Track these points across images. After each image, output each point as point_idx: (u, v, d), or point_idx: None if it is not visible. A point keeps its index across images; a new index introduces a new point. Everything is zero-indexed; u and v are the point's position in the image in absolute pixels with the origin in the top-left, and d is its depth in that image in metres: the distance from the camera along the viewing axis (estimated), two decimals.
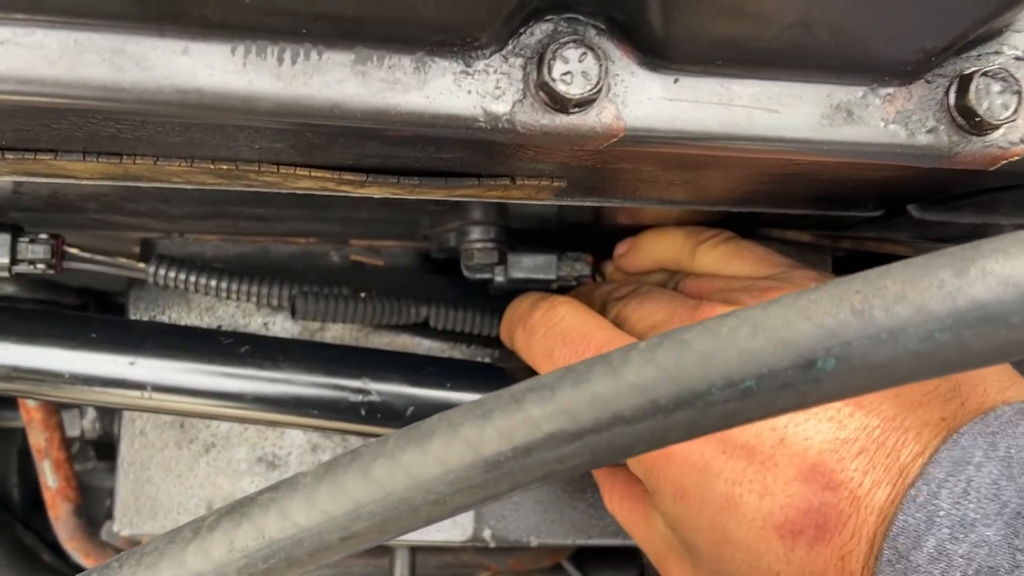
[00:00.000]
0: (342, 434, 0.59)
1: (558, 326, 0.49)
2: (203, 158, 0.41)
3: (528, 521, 0.67)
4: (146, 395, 0.50)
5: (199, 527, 0.33)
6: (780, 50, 0.34)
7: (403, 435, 0.31)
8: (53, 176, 0.44)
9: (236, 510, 0.32)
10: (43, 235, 0.56)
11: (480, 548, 0.75)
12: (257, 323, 0.65)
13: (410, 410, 0.51)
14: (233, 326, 0.65)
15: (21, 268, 0.55)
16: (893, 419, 0.39)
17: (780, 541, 0.39)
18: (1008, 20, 0.36)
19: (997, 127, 0.36)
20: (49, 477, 0.73)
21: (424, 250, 0.69)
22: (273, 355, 0.51)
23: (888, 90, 0.37)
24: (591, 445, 0.29)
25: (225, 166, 0.41)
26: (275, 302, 0.60)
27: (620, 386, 0.28)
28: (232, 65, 0.32)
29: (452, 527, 0.65)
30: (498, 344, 0.66)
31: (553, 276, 0.61)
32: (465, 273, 0.61)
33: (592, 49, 0.33)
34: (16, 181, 0.47)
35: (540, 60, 0.33)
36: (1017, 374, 0.44)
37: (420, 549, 0.73)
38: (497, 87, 0.34)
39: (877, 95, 0.36)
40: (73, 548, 0.78)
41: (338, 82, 0.32)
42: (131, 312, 0.65)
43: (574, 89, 0.33)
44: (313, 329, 0.65)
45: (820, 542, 0.38)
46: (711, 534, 0.41)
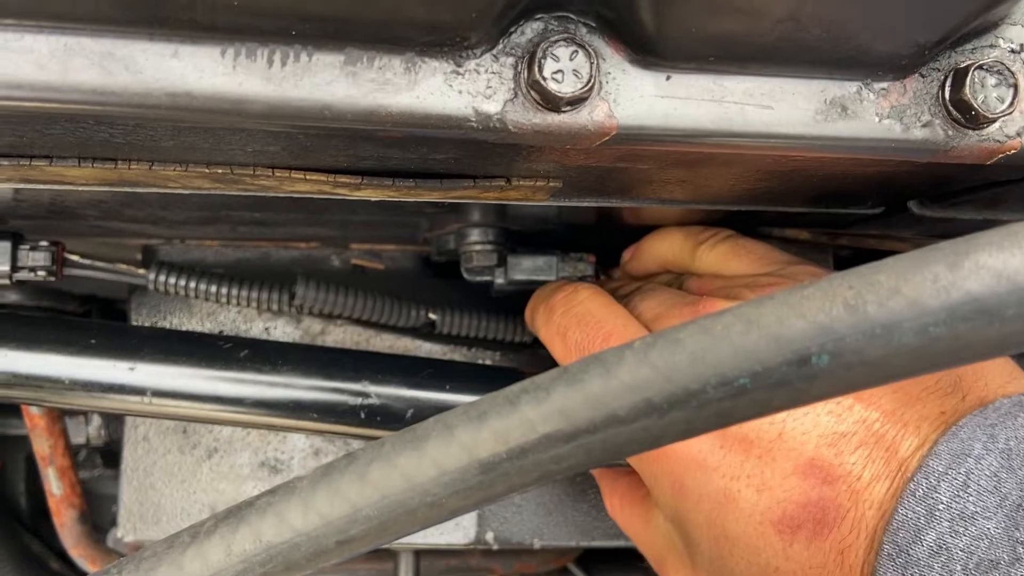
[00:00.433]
0: (343, 437, 0.59)
1: (576, 308, 0.49)
2: (198, 162, 0.41)
3: (531, 523, 0.66)
4: (146, 400, 0.50)
5: (197, 532, 0.32)
6: (772, 45, 0.34)
7: (399, 438, 0.31)
8: (50, 182, 0.44)
9: (234, 515, 0.32)
10: (43, 242, 0.56)
11: (485, 551, 0.74)
12: (259, 328, 0.65)
13: (410, 412, 0.51)
14: (235, 331, 0.65)
15: (22, 275, 0.55)
16: (892, 413, 0.39)
17: (778, 536, 0.39)
18: (1003, 13, 0.36)
19: (993, 120, 0.36)
20: (53, 484, 0.73)
21: (425, 254, 0.69)
22: (272, 359, 0.51)
23: (882, 85, 0.36)
24: (586, 445, 0.29)
25: (220, 170, 0.41)
26: (275, 307, 0.60)
27: (614, 386, 0.28)
28: (222, 67, 0.31)
29: (455, 530, 0.65)
30: (502, 347, 0.66)
31: (554, 277, 0.61)
32: (465, 276, 0.61)
33: (583, 47, 0.33)
34: (15, 188, 0.47)
35: (531, 59, 0.33)
36: (1019, 369, 0.43)
37: (425, 553, 0.73)
38: (488, 87, 0.34)
39: (871, 90, 0.36)
40: (79, 555, 0.77)
41: (328, 83, 0.32)
42: (133, 318, 0.65)
43: (565, 87, 0.33)
44: (315, 333, 0.65)
45: (819, 536, 0.38)
46: (709, 530, 0.41)
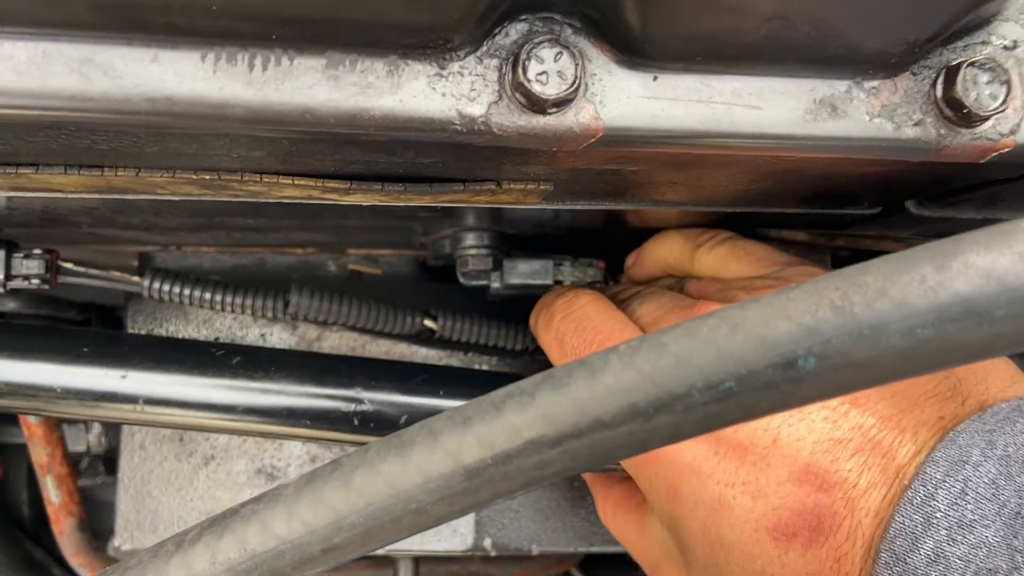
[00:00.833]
0: (338, 444, 0.59)
1: (575, 314, 0.49)
2: (185, 168, 0.40)
3: (529, 529, 0.66)
4: (138, 408, 0.50)
5: (182, 540, 0.32)
6: (760, 45, 0.33)
7: (384, 444, 0.30)
8: (39, 190, 0.44)
9: (218, 523, 0.32)
10: (37, 250, 0.56)
11: (484, 558, 0.74)
12: (255, 334, 0.65)
13: (403, 419, 0.51)
14: (230, 338, 0.64)
15: (16, 283, 0.55)
16: (889, 419, 0.39)
17: (774, 543, 0.38)
18: (995, 9, 0.35)
19: (986, 118, 0.35)
20: (52, 492, 0.73)
21: (421, 258, 0.69)
22: (265, 366, 0.51)
23: (873, 83, 0.36)
24: (572, 451, 0.28)
25: (208, 176, 0.41)
26: (270, 314, 0.59)
27: (599, 390, 0.28)
28: (202, 72, 0.31)
29: (452, 536, 0.65)
30: (500, 353, 0.66)
31: (550, 281, 0.61)
32: (461, 280, 0.61)
33: (567, 48, 0.33)
34: (5, 196, 0.47)
35: (515, 61, 0.33)
36: (1020, 372, 0.43)
37: (424, 560, 0.73)
38: (472, 89, 0.33)
39: (862, 88, 0.36)
40: (78, 564, 0.77)
41: (310, 87, 0.32)
42: (129, 326, 0.65)
43: (550, 89, 0.33)
44: (311, 339, 0.65)
45: (815, 544, 0.38)
46: (704, 536, 0.41)
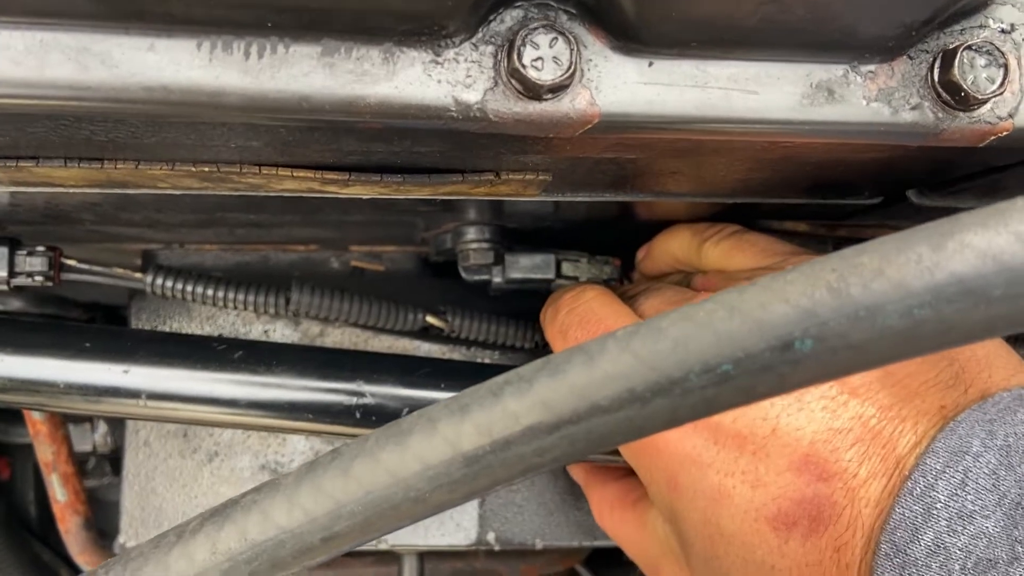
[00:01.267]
0: (340, 438, 0.59)
1: (580, 308, 0.49)
2: (184, 160, 0.40)
3: (532, 523, 0.66)
4: (141, 403, 0.50)
5: (183, 531, 0.32)
6: (756, 28, 0.33)
7: (383, 433, 0.30)
8: (40, 184, 0.44)
9: (219, 513, 0.32)
10: (40, 247, 0.56)
11: (489, 553, 0.74)
12: (258, 331, 0.65)
13: (405, 412, 0.51)
14: (233, 334, 0.65)
15: (19, 281, 0.56)
16: (890, 408, 0.38)
17: (774, 533, 0.38)
18: None
19: (984, 102, 0.35)
20: (58, 491, 0.73)
21: (424, 254, 0.69)
22: (267, 360, 0.51)
23: (870, 67, 0.36)
24: (570, 436, 0.28)
25: (207, 168, 0.41)
26: (272, 311, 0.59)
27: (596, 375, 0.28)
28: (198, 60, 0.31)
29: (456, 531, 0.65)
30: (503, 348, 0.66)
31: (552, 276, 0.61)
32: (463, 275, 0.61)
33: (563, 34, 0.33)
34: (8, 192, 0.47)
35: (510, 47, 0.33)
36: (1023, 362, 0.42)
37: (429, 555, 0.72)
38: (468, 76, 0.33)
39: (858, 73, 0.36)
40: (84, 562, 0.77)
41: (305, 75, 0.32)
42: (133, 323, 0.65)
43: (545, 75, 0.33)
44: (313, 335, 0.65)
45: (814, 534, 0.37)
46: (704, 528, 0.41)
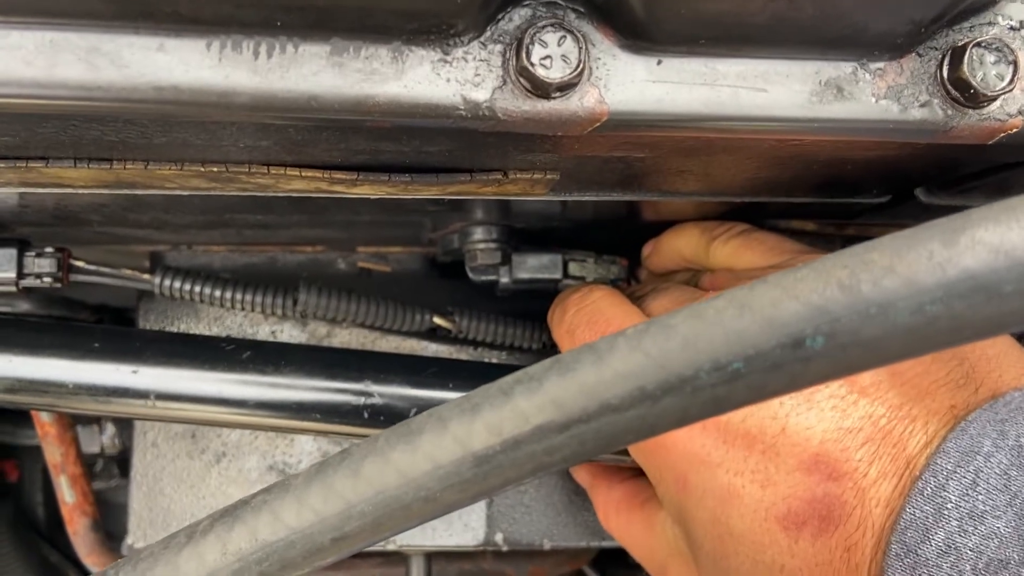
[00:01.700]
0: (348, 438, 0.59)
1: (587, 308, 0.49)
2: (193, 161, 0.41)
3: (540, 524, 0.66)
4: (150, 403, 0.50)
5: (193, 532, 0.32)
6: (764, 26, 0.33)
7: (393, 432, 0.30)
8: (49, 185, 0.44)
9: (229, 513, 0.32)
10: (49, 249, 0.56)
11: (497, 554, 0.74)
12: (265, 332, 0.65)
13: (413, 411, 0.51)
14: (241, 335, 0.65)
15: (28, 282, 0.56)
16: (900, 408, 0.38)
17: (783, 532, 0.38)
18: None
19: (993, 99, 0.35)
20: (66, 492, 0.73)
21: (431, 255, 0.69)
22: (275, 360, 0.51)
23: (879, 65, 0.36)
24: (580, 435, 0.28)
25: (216, 168, 0.41)
26: (279, 312, 0.59)
27: (607, 374, 0.28)
28: (208, 60, 0.31)
29: (464, 531, 0.65)
30: (511, 348, 0.66)
31: (559, 276, 0.61)
32: (470, 275, 0.61)
33: (571, 32, 0.33)
34: (18, 193, 0.47)
35: (519, 45, 0.33)
36: None
37: (436, 556, 0.72)
38: (476, 74, 0.33)
39: (867, 70, 0.36)
40: (93, 563, 0.77)
41: (314, 74, 0.32)
42: (141, 324, 0.66)
43: (554, 73, 0.33)
44: (320, 336, 0.65)
45: (824, 533, 0.37)
46: (713, 528, 0.40)
